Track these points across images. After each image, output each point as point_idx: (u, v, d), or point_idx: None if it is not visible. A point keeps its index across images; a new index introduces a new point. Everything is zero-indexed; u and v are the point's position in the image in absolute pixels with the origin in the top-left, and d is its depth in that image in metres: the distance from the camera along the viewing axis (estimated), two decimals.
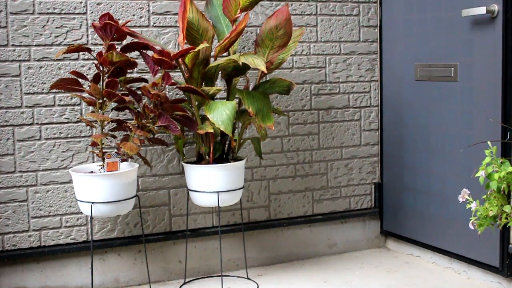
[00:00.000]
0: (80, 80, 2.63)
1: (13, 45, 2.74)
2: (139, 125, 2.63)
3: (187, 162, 2.82)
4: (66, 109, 2.83)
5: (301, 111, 3.26)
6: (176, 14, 2.96)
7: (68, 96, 2.82)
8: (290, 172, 3.25)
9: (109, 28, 2.55)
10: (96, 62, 2.67)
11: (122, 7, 2.88)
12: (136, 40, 2.65)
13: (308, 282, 2.96)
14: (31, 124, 2.78)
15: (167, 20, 2.97)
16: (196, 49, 2.58)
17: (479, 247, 2.82)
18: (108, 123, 2.71)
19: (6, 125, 2.75)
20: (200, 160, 2.85)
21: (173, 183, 3.02)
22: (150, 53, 2.69)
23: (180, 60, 2.67)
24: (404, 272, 3.07)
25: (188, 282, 3.00)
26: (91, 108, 2.80)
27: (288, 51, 2.89)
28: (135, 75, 2.88)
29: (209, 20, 2.80)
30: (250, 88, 2.92)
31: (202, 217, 3.08)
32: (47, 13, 2.77)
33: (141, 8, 2.92)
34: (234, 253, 3.14)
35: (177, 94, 2.97)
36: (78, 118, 2.84)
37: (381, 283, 2.92)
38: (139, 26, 2.91)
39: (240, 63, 2.57)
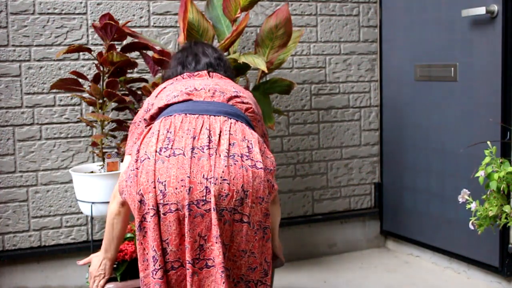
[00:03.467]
0: (80, 80, 2.63)
1: (13, 45, 2.74)
2: None
3: None
4: (66, 109, 2.83)
5: (301, 111, 3.26)
6: (176, 14, 2.97)
7: (68, 96, 2.82)
8: (290, 172, 3.26)
9: (109, 28, 2.55)
10: (96, 62, 2.67)
11: (122, 7, 2.89)
12: (136, 40, 2.66)
13: (308, 282, 2.96)
14: (32, 124, 2.78)
15: (167, 20, 2.97)
16: None
17: (479, 247, 2.82)
18: (108, 123, 2.71)
19: (7, 125, 2.75)
20: None
21: None
22: (150, 53, 2.70)
23: None
24: (404, 272, 3.07)
25: None
26: (91, 108, 2.80)
27: (288, 51, 2.89)
28: (135, 75, 2.88)
29: (209, 21, 2.80)
30: (250, 88, 2.92)
31: None
32: (47, 13, 2.77)
33: (141, 8, 2.92)
34: None
35: None
36: (78, 118, 2.84)
37: (381, 283, 2.93)
38: (139, 26, 2.92)
39: (241, 62, 2.57)
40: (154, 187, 1.77)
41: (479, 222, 2.17)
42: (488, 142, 2.20)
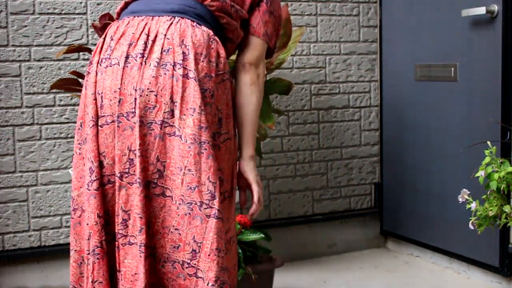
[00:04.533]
0: (80, 80, 2.63)
1: (13, 45, 2.74)
2: None
3: None
4: (66, 109, 2.83)
5: (301, 111, 3.26)
6: None
7: (68, 96, 2.83)
8: (290, 172, 3.26)
9: None
10: None
11: None
12: None
13: (308, 282, 2.96)
14: (31, 124, 2.78)
15: None
16: None
17: (479, 247, 2.82)
18: None
19: (7, 125, 2.75)
20: None
21: None
22: None
23: None
24: (404, 272, 3.07)
25: None
26: None
27: (288, 51, 2.88)
28: None
29: None
30: None
31: None
32: (47, 13, 2.77)
33: None
34: None
35: None
36: None
37: (381, 283, 2.92)
38: None
39: None
40: (95, 99, 1.72)
41: (479, 222, 2.17)
42: (488, 142, 2.20)
